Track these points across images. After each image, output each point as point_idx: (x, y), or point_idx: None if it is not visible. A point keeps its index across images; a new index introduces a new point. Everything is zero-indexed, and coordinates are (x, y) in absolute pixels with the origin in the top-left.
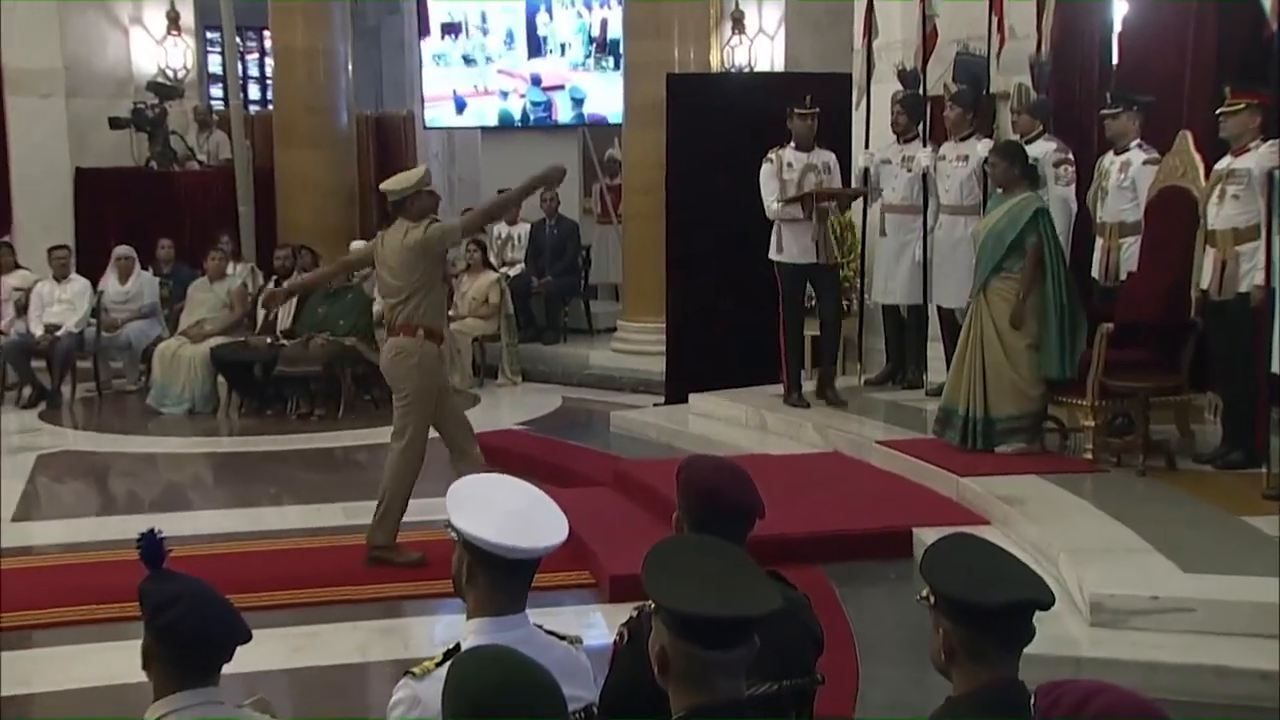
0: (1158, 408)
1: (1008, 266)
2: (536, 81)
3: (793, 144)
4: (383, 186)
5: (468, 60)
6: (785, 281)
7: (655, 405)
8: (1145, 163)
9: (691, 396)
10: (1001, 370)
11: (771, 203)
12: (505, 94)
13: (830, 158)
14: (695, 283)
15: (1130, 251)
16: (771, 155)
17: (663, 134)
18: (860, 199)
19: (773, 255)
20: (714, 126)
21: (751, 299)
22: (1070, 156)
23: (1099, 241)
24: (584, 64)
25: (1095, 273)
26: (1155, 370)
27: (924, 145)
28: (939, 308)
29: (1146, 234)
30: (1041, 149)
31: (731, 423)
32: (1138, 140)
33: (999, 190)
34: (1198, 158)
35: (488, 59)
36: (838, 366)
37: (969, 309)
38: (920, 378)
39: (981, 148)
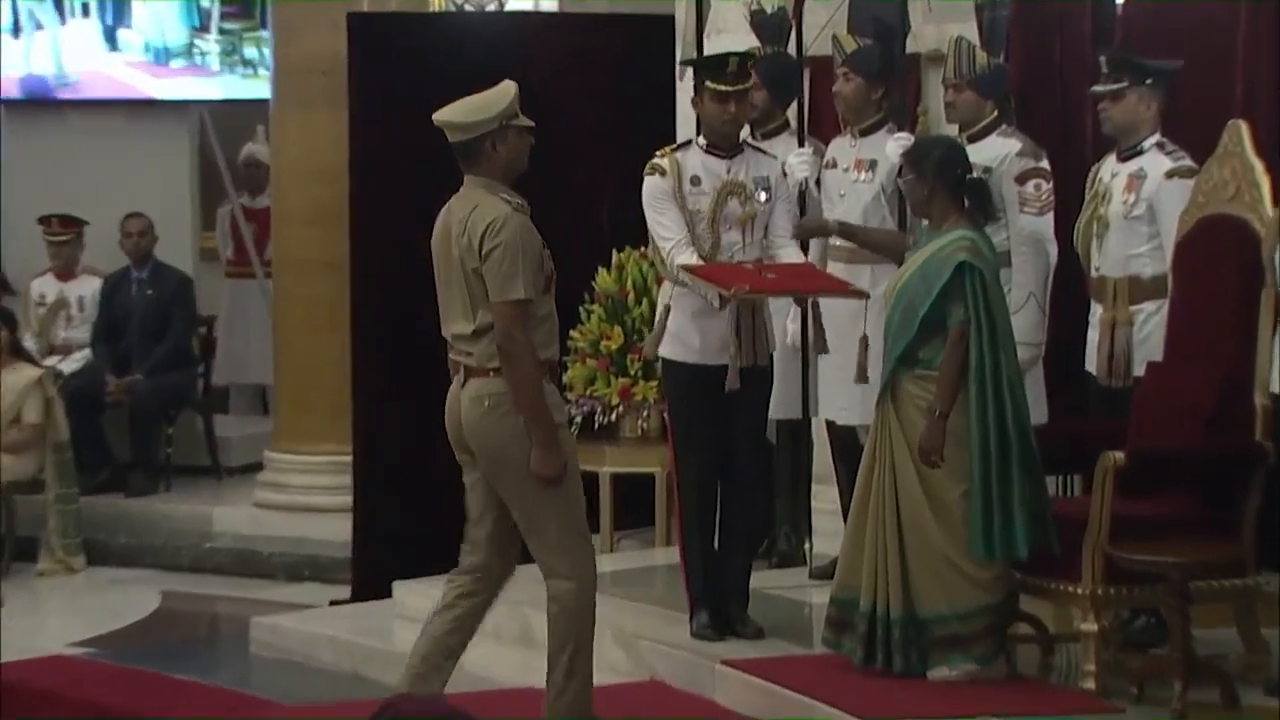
0: (1205, 599)
1: (925, 358)
2: (37, 94)
3: (702, 142)
4: (438, 117)
5: None
6: (678, 398)
7: (333, 603)
8: (1171, 174)
9: (398, 586)
10: (928, 536)
11: (671, 251)
12: None
13: (773, 169)
14: (405, 383)
15: (1149, 327)
16: (661, 162)
17: (342, 119)
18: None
19: (662, 349)
20: (437, 109)
21: None
22: (1045, 164)
23: (1096, 310)
24: (190, 54)
25: (1092, 365)
26: (1198, 534)
27: (800, 143)
28: (829, 425)
29: (1177, 296)
30: (996, 150)
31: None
32: (1157, 136)
33: (924, 222)
34: (1260, 166)
35: None
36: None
37: (874, 427)
38: (799, 547)
39: (896, 147)
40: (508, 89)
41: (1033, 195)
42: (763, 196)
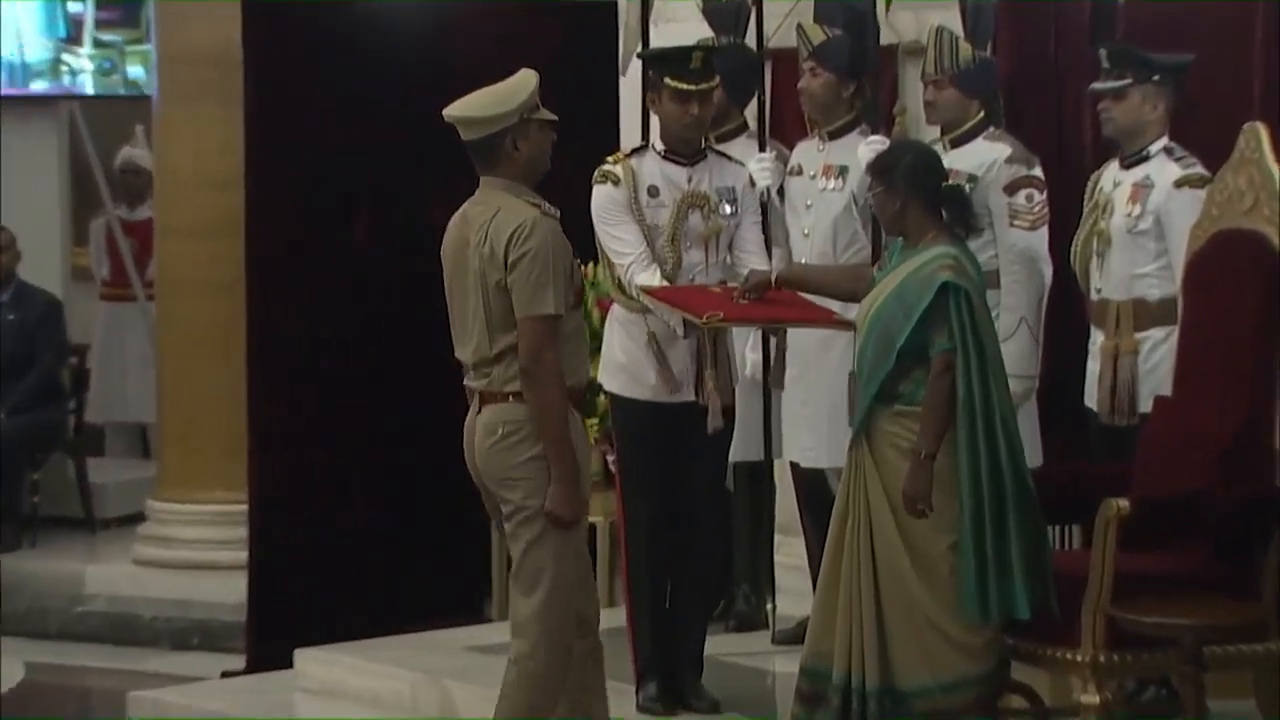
0: (1221, 667)
1: (905, 392)
2: None
3: (660, 147)
4: (449, 113)
5: None
6: (628, 439)
7: (225, 675)
8: (1181, 183)
9: (300, 654)
10: (910, 596)
11: (630, 269)
12: None
13: (739, 178)
14: (309, 420)
15: (1157, 357)
16: (614, 169)
17: (236, 117)
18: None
19: (608, 383)
20: (347, 106)
21: (422, 453)
22: (1038, 172)
23: (1097, 338)
24: (57, 72)
25: (1092, 399)
26: (1213, 593)
27: (761, 147)
28: (794, 468)
29: (1188, 321)
30: (983, 156)
31: (383, 705)
32: (1164, 140)
33: (899, 239)
34: None
35: None
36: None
37: (847, 471)
38: (761, 608)
39: (869, 151)
40: (528, 78)
41: (1024, 207)
42: (727, 209)
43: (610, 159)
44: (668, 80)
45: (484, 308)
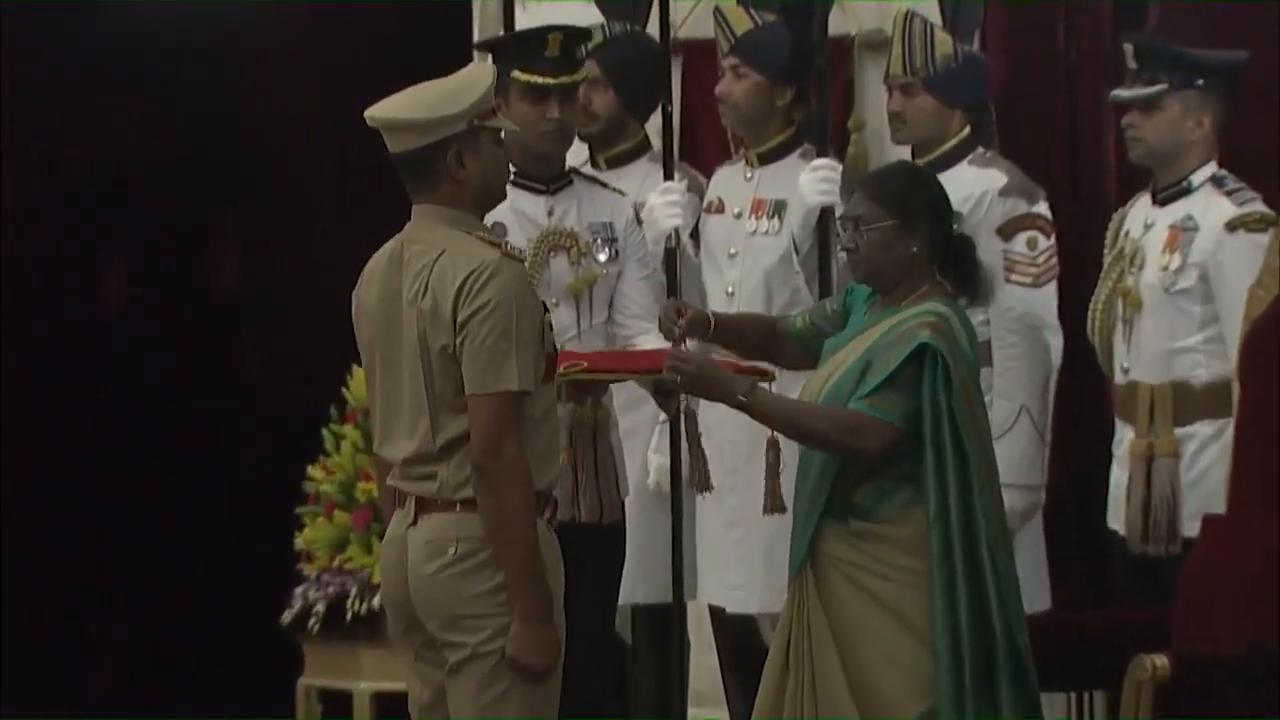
0: None
1: (865, 504)
2: None
3: (509, 168)
4: (375, 114)
5: None
6: None
7: None
8: (1234, 226)
9: None
10: None
11: None
12: None
13: (620, 212)
14: (44, 539)
15: (1205, 461)
16: None
17: None
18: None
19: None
20: (100, 116)
21: (201, 569)
22: (1042, 209)
23: (1124, 436)
24: None
25: (1118, 519)
26: None
27: (667, 174)
28: (714, 613)
29: (1246, 412)
30: (969, 186)
31: None
32: (1212, 168)
33: (864, 296)
34: None
35: None
36: None
37: (788, 611)
38: None
39: (814, 182)
40: (483, 74)
41: (1025, 256)
42: (603, 255)
43: None
44: (516, 73)
45: (425, 384)
